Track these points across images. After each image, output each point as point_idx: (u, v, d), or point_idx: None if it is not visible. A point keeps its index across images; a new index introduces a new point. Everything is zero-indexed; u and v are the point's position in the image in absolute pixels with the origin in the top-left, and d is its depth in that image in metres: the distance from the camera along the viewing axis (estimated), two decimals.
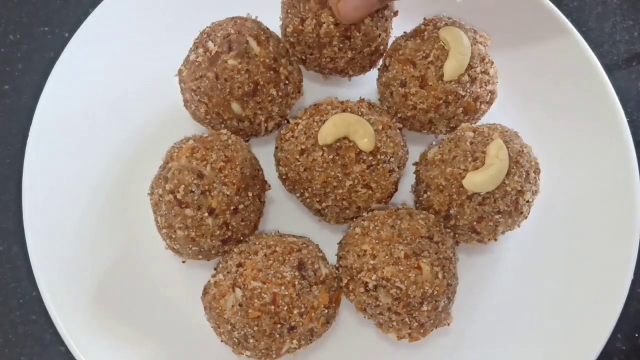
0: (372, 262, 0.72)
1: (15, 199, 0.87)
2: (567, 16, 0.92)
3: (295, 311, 0.70)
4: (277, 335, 0.70)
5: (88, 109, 0.89)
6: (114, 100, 0.90)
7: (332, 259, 0.79)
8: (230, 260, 0.74)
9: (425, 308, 0.71)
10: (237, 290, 0.70)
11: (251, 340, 0.70)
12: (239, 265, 0.72)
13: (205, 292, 0.75)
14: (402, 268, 0.70)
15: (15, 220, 0.88)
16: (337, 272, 0.77)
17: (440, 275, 0.71)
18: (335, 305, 0.75)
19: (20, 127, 0.91)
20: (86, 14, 0.91)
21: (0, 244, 0.89)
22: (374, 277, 0.71)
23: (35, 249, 0.81)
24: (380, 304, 0.72)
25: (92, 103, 0.89)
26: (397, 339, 0.76)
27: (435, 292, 0.71)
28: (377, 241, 0.72)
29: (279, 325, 0.70)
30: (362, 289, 0.73)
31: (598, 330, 0.80)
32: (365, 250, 0.73)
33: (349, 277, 0.74)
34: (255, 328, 0.69)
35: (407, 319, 0.72)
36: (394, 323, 0.73)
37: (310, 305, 0.71)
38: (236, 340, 0.71)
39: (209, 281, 0.75)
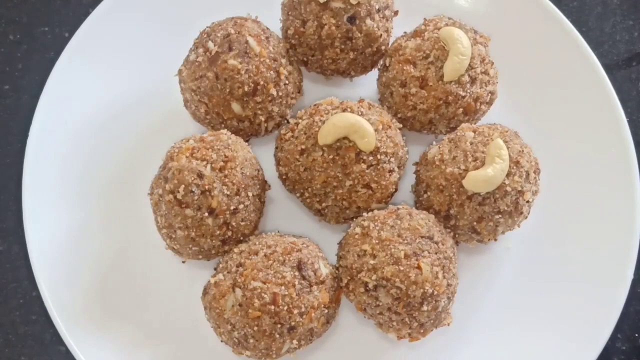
0: (372, 262, 0.72)
1: (15, 199, 0.87)
2: (567, 16, 0.92)
3: (295, 311, 0.70)
4: (277, 335, 0.70)
5: (88, 109, 0.89)
6: (114, 100, 0.90)
7: (332, 259, 0.79)
8: (230, 260, 0.74)
9: (425, 308, 0.71)
10: (237, 290, 0.70)
11: (251, 340, 0.70)
12: (239, 265, 0.72)
13: (205, 292, 0.75)
14: (402, 268, 0.70)
15: (15, 220, 0.88)
16: (337, 272, 0.77)
17: (440, 275, 0.71)
18: (335, 305, 0.75)
19: (20, 127, 0.91)
20: (86, 14, 0.91)
21: (0, 244, 0.89)
22: (374, 277, 0.71)
23: (35, 249, 0.81)
24: (380, 304, 0.72)
25: (92, 103, 0.89)
26: (397, 339, 0.76)
27: (435, 292, 0.71)
28: (377, 241, 0.72)
29: (279, 325, 0.70)
30: (362, 289, 0.73)
31: (598, 330, 0.80)
32: (365, 250, 0.73)
33: (349, 277, 0.74)
34: (255, 328, 0.69)
35: (407, 319, 0.72)
36: (394, 323, 0.73)
37: (310, 305, 0.71)
38: (236, 340, 0.71)
39: (209, 281, 0.75)
